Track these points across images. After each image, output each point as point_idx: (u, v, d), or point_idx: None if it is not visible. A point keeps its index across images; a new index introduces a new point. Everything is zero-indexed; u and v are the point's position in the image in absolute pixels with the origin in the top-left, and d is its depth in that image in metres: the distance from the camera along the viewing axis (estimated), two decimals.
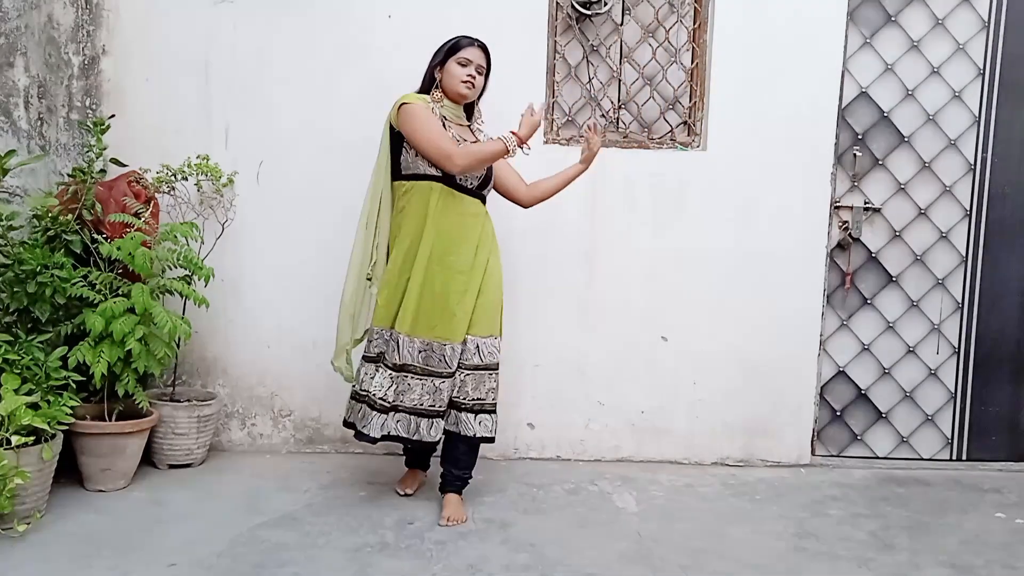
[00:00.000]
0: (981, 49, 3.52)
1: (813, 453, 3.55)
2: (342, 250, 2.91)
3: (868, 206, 3.53)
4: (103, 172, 3.12)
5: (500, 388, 2.81)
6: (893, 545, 2.69)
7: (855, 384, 3.60)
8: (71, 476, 2.84)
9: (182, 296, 3.00)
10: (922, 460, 3.63)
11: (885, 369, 3.60)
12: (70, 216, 2.89)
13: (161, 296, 2.96)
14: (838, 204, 3.52)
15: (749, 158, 3.41)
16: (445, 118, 2.70)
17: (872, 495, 3.18)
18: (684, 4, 3.48)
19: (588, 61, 3.47)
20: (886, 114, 3.52)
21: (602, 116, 3.49)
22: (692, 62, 3.48)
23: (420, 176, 2.66)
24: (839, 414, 3.60)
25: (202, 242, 3.13)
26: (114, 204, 2.96)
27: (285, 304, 3.35)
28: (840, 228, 3.54)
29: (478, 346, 2.71)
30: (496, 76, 2.83)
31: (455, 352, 2.67)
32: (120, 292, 2.88)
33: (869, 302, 3.58)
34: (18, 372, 2.56)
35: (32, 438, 2.45)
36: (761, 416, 3.49)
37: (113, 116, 3.15)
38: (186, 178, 3.15)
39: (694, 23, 3.47)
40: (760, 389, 3.48)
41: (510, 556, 2.47)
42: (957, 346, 3.62)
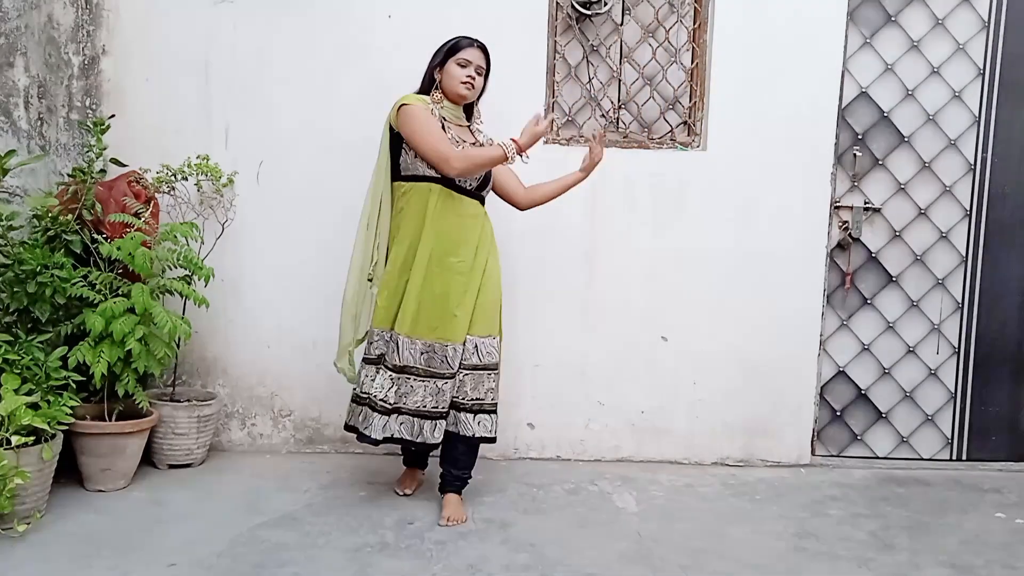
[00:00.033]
0: (981, 49, 3.52)
1: (813, 453, 3.55)
2: (342, 250, 2.91)
3: (868, 206, 3.53)
4: (103, 172, 3.13)
5: (500, 388, 2.81)
6: (893, 545, 2.69)
7: (855, 384, 3.60)
8: (71, 476, 2.84)
9: (182, 296, 3.00)
10: (922, 460, 3.63)
11: (885, 369, 3.60)
12: (70, 216, 2.89)
13: (161, 296, 2.96)
14: (838, 204, 3.52)
15: (749, 158, 3.41)
16: (444, 119, 2.70)
17: (872, 495, 3.18)
18: (684, 4, 3.48)
19: (588, 61, 3.47)
20: (886, 114, 3.52)
21: (602, 116, 3.49)
22: (692, 62, 3.48)
23: (419, 177, 2.66)
24: (839, 414, 3.60)
25: (202, 242, 3.13)
26: (114, 204, 2.96)
27: (285, 304, 3.35)
28: (840, 228, 3.54)
29: (477, 346, 2.71)
30: (496, 76, 2.83)
31: (456, 353, 2.67)
32: (120, 292, 2.88)
33: (869, 302, 3.58)
34: (18, 372, 2.56)
35: (32, 438, 2.45)
36: (761, 416, 3.49)
37: (113, 116, 3.15)
38: (186, 178, 3.15)
39: (694, 23, 3.47)
40: (760, 389, 3.48)
41: (510, 556, 2.47)
42: (957, 346, 3.62)
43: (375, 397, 2.68)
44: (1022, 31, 3.52)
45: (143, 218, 2.95)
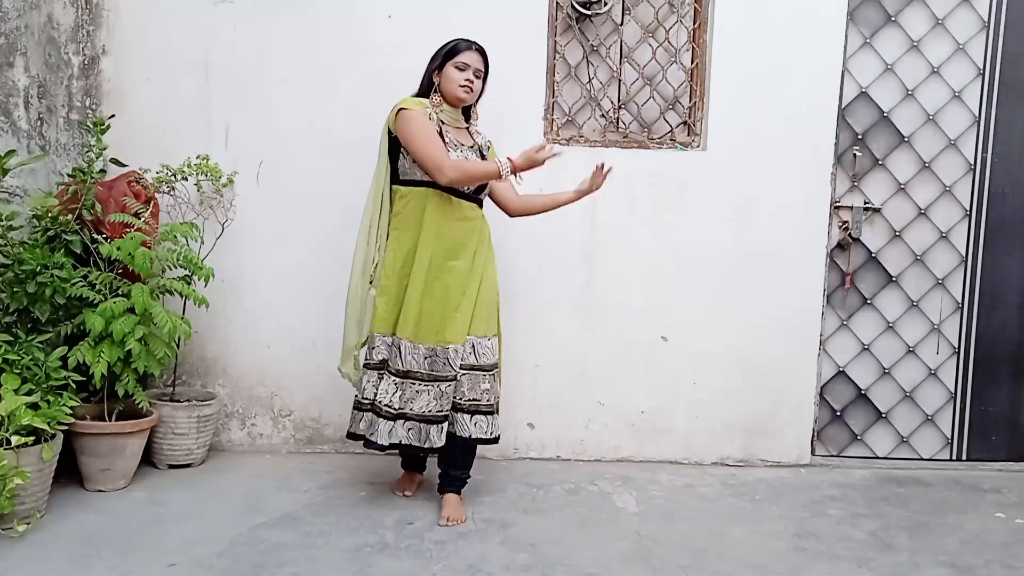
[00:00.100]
0: (981, 49, 3.52)
1: (813, 453, 3.55)
2: (342, 250, 2.91)
3: (868, 206, 3.53)
4: (103, 172, 3.13)
5: (501, 388, 2.81)
6: (893, 545, 2.69)
7: (855, 384, 3.60)
8: (71, 476, 2.84)
9: (182, 296, 3.00)
10: (922, 460, 3.63)
11: (885, 369, 3.60)
12: (70, 216, 2.89)
13: (161, 296, 2.96)
14: (838, 204, 3.52)
15: (749, 158, 3.41)
16: (443, 122, 2.71)
17: (872, 495, 3.18)
18: (684, 4, 3.48)
19: (588, 61, 3.47)
20: (886, 114, 3.52)
21: (602, 116, 3.49)
22: (692, 62, 3.48)
23: (418, 182, 2.67)
24: (839, 414, 3.60)
25: (202, 242, 3.13)
26: (114, 204, 2.96)
27: (285, 304, 3.35)
28: (840, 228, 3.54)
29: (474, 346, 2.71)
30: (496, 76, 2.83)
31: (457, 354, 2.67)
32: (120, 292, 2.88)
33: (869, 302, 3.58)
34: (18, 372, 2.56)
35: (32, 438, 2.45)
36: (761, 416, 3.49)
37: (113, 116, 3.16)
38: (186, 178, 3.15)
39: (694, 23, 3.47)
40: (760, 389, 3.48)
41: (510, 556, 2.47)
42: (957, 346, 3.62)
43: (380, 403, 2.68)
44: (1022, 31, 3.52)
45: (143, 218, 2.95)
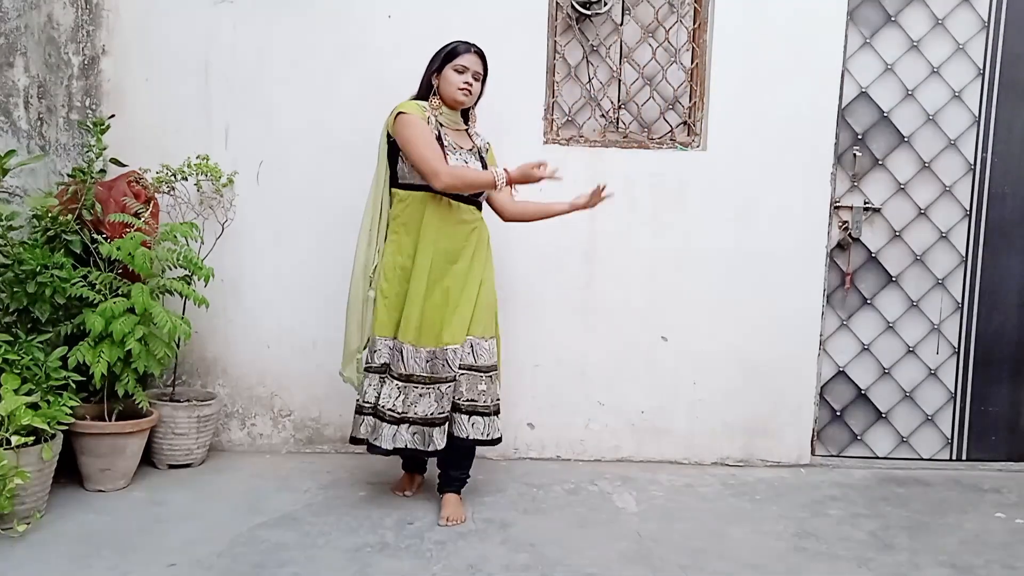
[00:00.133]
0: (981, 49, 3.52)
1: (813, 453, 3.55)
2: (342, 250, 2.91)
3: (868, 206, 3.53)
4: (103, 172, 3.12)
5: (500, 391, 2.81)
6: (893, 545, 2.69)
7: (855, 384, 3.60)
8: (71, 476, 2.84)
9: (182, 296, 3.00)
10: (922, 460, 3.63)
11: (885, 369, 3.60)
12: (70, 216, 2.89)
13: (161, 296, 2.96)
14: (838, 204, 3.52)
15: (749, 158, 3.41)
16: (442, 124, 2.71)
17: (872, 495, 3.18)
18: (684, 4, 3.48)
19: (588, 61, 3.47)
20: (886, 114, 3.52)
21: (602, 116, 3.49)
22: (692, 62, 3.48)
23: (417, 186, 2.67)
24: (839, 414, 3.60)
25: (202, 242, 3.13)
26: (114, 204, 2.96)
27: (285, 304, 3.35)
28: (840, 228, 3.54)
29: (473, 346, 2.71)
30: (496, 76, 2.83)
31: (456, 355, 2.67)
32: (120, 292, 2.88)
33: (869, 302, 3.58)
34: (18, 372, 2.56)
35: (32, 438, 2.45)
36: (761, 416, 3.49)
37: (113, 116, 3.16)
38: (186, 178, 3.15)
39: (694, 23, 3.47)
40: (760, 389, 3.48)
41: (510, 556, 2.47)
42: (957, 346, 3.62)
43: (383, 407, 2.68)
44: (1022, 31, 3.52)
45: (143, 218, 2.95)
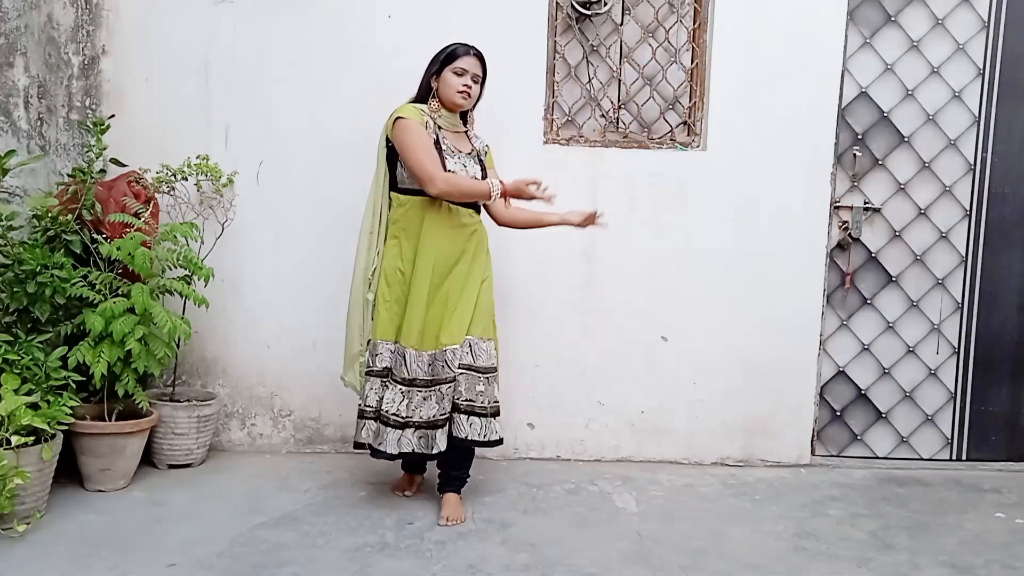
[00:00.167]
0: (981, 49, 3.52)
1: (813, 453, 3.55)
2: (342, 250, 2.90)
3: (868, 206, 3.53)
4: (103, 172, 3.13)
5: (499, 394, 2.80)
6: (893, 545, 2.69)
7: (855, 384, 3.60)
8: (71, 476, 2.84)
9: (182, 296, 3.00)
10: (922, 460, 3.63)
11: (885, 369, 3.60)
12: (70, 216, 2.89)
13: (161, 296, 2.96)
14: (838, 204, 3.52)
15: (749, 158, 3.41)
16: (441, 127, 2.71)
17: (872, 495, 3.18)
18: (684, 4, 3.48)
19: (588, 61, 3.47)
20: (886, 114, 3.52)
21: (602, 116, 3.49)
22: (692, 62, 3.48)
23: (416, 191, 2.67)
24: (839, 414, 3.60)
25: (202, 242, 3.13)
26: (114, 204, 2.96)
27: (285, 304, 3.35)
28: (840, 228, 3.54)
29: (471, 346, 2.71)
30: (496, 76, 2.82)
31: (456, 356, 2.67)
32: (120, 292, 2.88)
33: (869, 302, 3.58)
34: (18, 372, 2.56)
35: (32, 438, 2.45)
36: (761, 416, 3.49)
37: (113, 116, 3.16)
38: (186, 178, 3.15)
39: (694, 23, 3.47)
40: (760, 389, 3.48)
41: (510, 556, 2.47)
42: (957, 346, 3.62)
43: (387, 412, 2.68)
44: (1022, 31, 3.52)
45: (143, 218, 2.95)
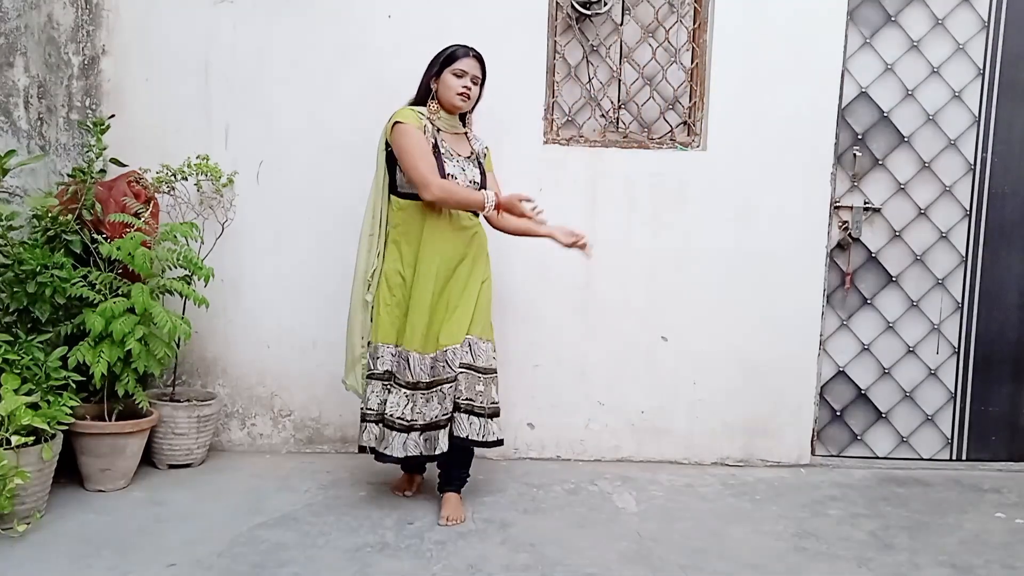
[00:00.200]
0: (981, 49, 3.52)
1: (813, 453, 3.55)
2: (342, 250, 2.90)
3: (868, 206, 3.53)
4: (103, 172, 3.13)
5: (501, 388, 2.80)
6: (893, 545, 2.69)
7: (855, 384, 3.60)
8: (71, 476, 2.84)
9: (182, 296, 3.00)
10: (922, 460, 3.63)
11: (885, 369, 3.60)
12: (70, 216, 2.89)
13: (161, 296, 2.96)
14: (838, 204, 3.52)
15: (749, 158, 3.41)
16: (440, 129, 2.72)
17: (872, 495, 3.18)
18: (684, 4, 3.48)
19: (588, 61, 3.47)
20: (886, 114, 3.52)
21: (602, 116, 3.49)
22: (692, 62, 3.48)
23: (415, 196, 2.67)
24: (839, 414, 3.60)
25: (202, 242, 3.13)
26: (114, 204, 2.96)
27: (285, 304, 3.35)
28: (840, 228, 3.54)
29: (471, 346, 2.71)
30: (496, 76, 2.83)
31: (456, 355, 2.68)
32: (120, 292, 2.88)
33: (869, 302, 3.58)
34: (18, 372, 2.56)
35: (32, 438, 2.45)
36: (761, 416, 3.49)
37: (113, 116, 3.16)
38: (186, 178, 3.15)
39: (694, 23, 3.47)
40: (760, 389, 3.48)
41: (510, 556, 2.47)
42: (957, 346, 3.62)
43: (391, 416, 2.68)
44: (1022, 31, 3.52)
45: (143, 218, 2.95)
